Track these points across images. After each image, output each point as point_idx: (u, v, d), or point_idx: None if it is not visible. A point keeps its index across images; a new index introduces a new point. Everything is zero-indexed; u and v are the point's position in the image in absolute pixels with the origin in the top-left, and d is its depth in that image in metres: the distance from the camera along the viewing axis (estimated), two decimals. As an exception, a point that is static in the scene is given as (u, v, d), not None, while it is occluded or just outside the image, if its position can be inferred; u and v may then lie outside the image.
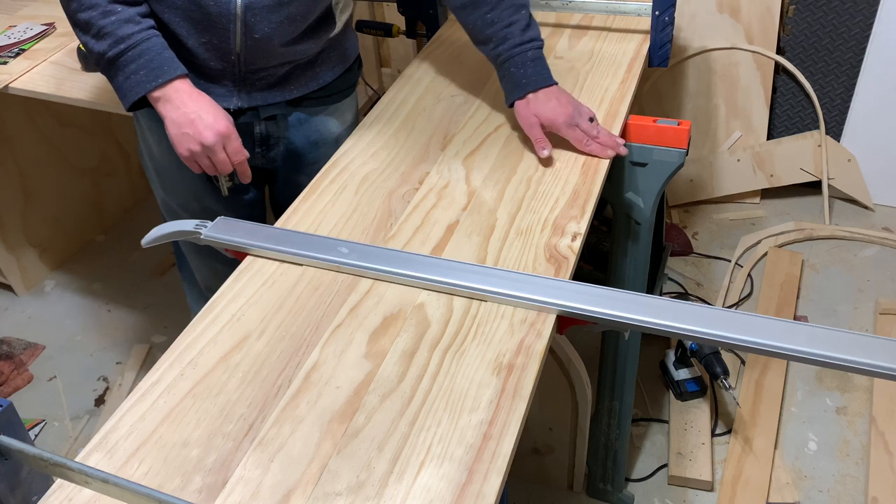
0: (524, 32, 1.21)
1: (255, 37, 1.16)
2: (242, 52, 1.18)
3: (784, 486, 1.71)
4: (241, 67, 1.21)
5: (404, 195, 1.15)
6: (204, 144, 1.12)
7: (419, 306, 0.95)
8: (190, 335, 0.94)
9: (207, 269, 1.44)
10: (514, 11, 1.20)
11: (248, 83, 1.24)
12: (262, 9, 1.14)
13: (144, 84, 1.10)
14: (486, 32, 1.22)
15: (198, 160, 1.15)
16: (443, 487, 0.75)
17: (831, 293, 2.17)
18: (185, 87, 1.12)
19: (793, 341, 0.83)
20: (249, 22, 1.15)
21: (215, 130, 1.12)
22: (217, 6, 1.12)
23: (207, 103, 1.13)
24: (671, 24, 1.42)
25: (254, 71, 1.22)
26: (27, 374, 2.17)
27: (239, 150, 1.16)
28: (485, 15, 1.21)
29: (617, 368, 1.55)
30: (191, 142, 1.12)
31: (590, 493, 1.74)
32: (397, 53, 2.83)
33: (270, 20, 1.16)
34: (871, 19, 2.18)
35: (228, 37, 1.16)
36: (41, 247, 2.47)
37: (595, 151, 1.19)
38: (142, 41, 1.10)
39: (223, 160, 1.15)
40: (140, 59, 1.10)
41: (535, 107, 1.19)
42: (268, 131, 1.30)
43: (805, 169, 2.40)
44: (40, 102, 1.79)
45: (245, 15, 1.14)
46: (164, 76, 1.11)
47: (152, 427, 0.83)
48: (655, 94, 2.43)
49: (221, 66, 1.20)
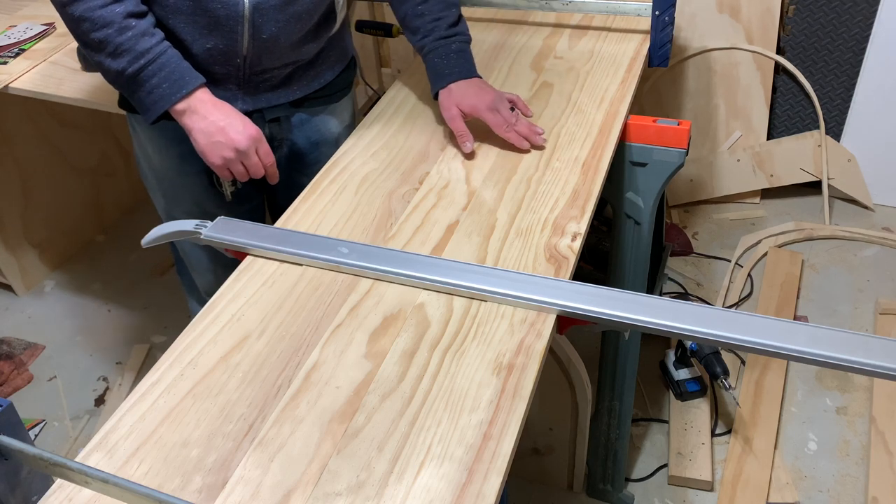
0: (450, 27, 1.25)
1: (262, 37, 1.16)
2: (249, 54, 1.18)
3: (784, 486, 1.71)
4: (245, 70, 1.21)
5: (404, 195, 1.15)
6: (238, 150, 1.13)
7: (419, 306, 0.95)
8: (190, 335, 0.94)
9: (210, 275, 1.44)
10: (444, 7, 1.25)
11: (252, 85, 1.24)
12: (270, 8, 1.14)
13: (169, 97, 1.10)
14: (415, 23, 1.26)
15: (231, 167, 1.16)
16: (443, 487, 0.75)
17: (831, 293, 2.17)
18: (207, 97, 1.13)
19: (793, 341, 0.83)
20: (257, 23, 1.15)
21: (248, 135, 1.13)
22: (225, 8, 1.12)
23: (231, 110, 1.14)
24: (671, 24, 1.42)
25: (258, 73, 1.22)
26: (27, 374, 2.17)
27: (269, 152, 1.18)
28: (416, 6, 1.25)
29: (617, 368, 1.55)
30: (224, 149, 1.13)
31: (590, 493, 1.74)
32: (397, 53, 2.83)
33: (277, 20, 1.16)
34: (871, 19, 2.18)
35: (236, 39, 1.16)
36: (41, 247, 2.47)
37: (512, 139, 1.21)
38: (160, 54, 1.09)
39: (256, 163, 1.16)
40: (161, 73, 1.09)
41: (457, 96, 1.22)
42: (272, 133, 1.31)
43: (805, 169, 2.40)
44: (40, 102, 1.79)
45: (253, 16, 1.14)
46: (186, 87, 1.11)
47: (152, 427, 0.83)
48: (655, 94, 2.43)
49: (226, 70, 1.20)
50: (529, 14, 1.61)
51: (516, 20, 1.59)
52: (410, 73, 1.46)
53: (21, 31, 1.97)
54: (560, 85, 1.37)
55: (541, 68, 1.43)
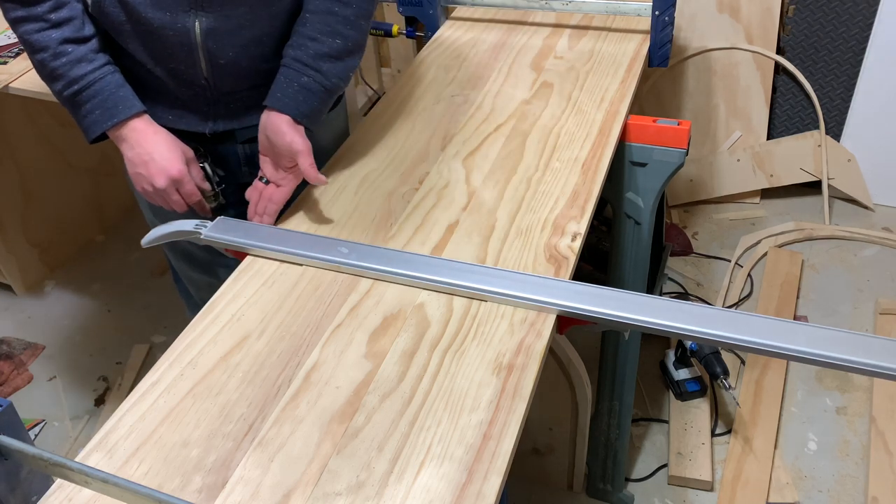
0: (318, 60, 1.09)
1: (220, 62, 1.13)
2: (209, 77, 1.15)
3: (784, 486, 1.71)
4: (211, 92, 1.17)
5: (404, 195, 1.15)
6: (156, 187, 1.12)
7: (419, 306, 0.95)
8: (190, 335, 0.94)
9: (205, 283, 1.41)
10: (329, 34, 1.09)
11: (222, 106, 1.20)
12: (224, 34, 1.10)
13: (101, 123, 1.10)
14: (295, 29, 1.12)
15: (152, 199, 1.16)
16: (443, 487, 0.75)
17: (831, 293, 2.17)
18: (141, 126, 1.11)
19: (793, 341, 0.83)
20: (211, 48, 1.11)
21: (167, 175, 1.11)
22: (177, 36, 1.09)
23: (164, 143, 1.12)
24: (671, 24, 1.42)
25: (225, 94, 1.19)
26: (27, 374, 2.17)
27: (192, 192, 1.15)
28: (304, 14, 1.11)
29: (617, 368, 1.55)
30: (144, 182, 1.13)
31: (590, 493, 1.74)
32: (397, 53, 2.84)
33: (234, 44, 1.12)
34: (871, 19, 2.18)
35: (194, 62, 1.12)
36: (41, 247, 2.47)
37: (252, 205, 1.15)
38: (95, 81, 1.08)
39: (177, 201, 1.14)
40: (95, 99, 1.09)
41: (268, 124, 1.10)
42: (252, 150, 1.25)
43: (805, 169, 2.40)
44: (40, 102, 1.78)
45: (206, 42, 1.10)
46: (119, 115, 1.10)
47: (152, 427, 0.83)
48: (655, 94, 2.43)
49: (192, 92, 1.17)
50: (529, 14, 1.61)
51: (516, 20, 1.59)
52: (410, 73, 1.46)
53: (21, 31, 1.96)
54: (560, 85, 1.37)
55: (541, 68, 1.43)
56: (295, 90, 1.09)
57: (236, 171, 1.26)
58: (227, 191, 1.24)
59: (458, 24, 1.61)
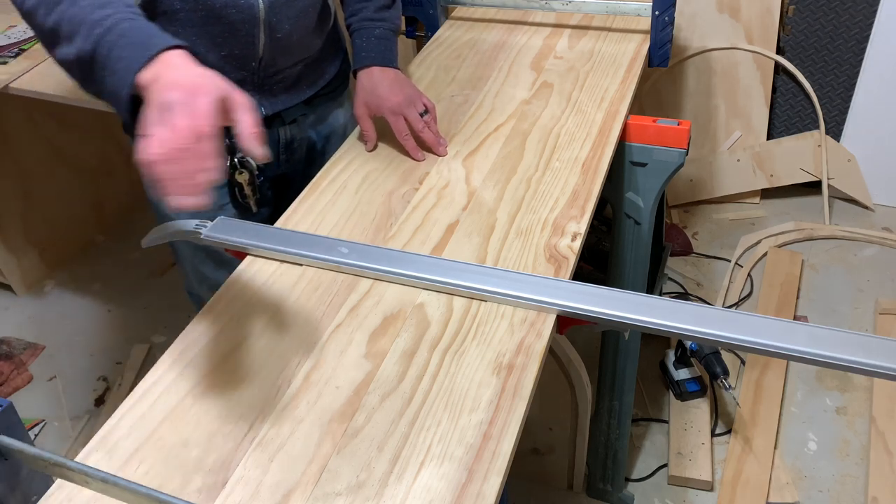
0: (379, 11, 1.28)
1: (277, 37, 1.16)
2: (265, 56, 1.18)
3: (784, 486, 1.71)
4: (260, 73, 1.20)
5: (404, 195, 1.15)
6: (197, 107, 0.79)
7: (419, 306, 0.95)
8: (190, 335, 0.94)
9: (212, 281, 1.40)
10: None
11: (267, 88, 1.23)
12: (281, 6, 1.14)
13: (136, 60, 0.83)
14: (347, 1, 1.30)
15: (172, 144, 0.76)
16: (443, 487, 0.75)
17: (831, 293, 2.17)
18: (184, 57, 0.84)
19: (793, 341, 0.83)
20: (272, 22, 1.14)
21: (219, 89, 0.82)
22: (240, 13, 1.11)
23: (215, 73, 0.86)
24: (671, 24, 1.42)
25: (272, 74, 1.22)
26: (27, 374, 2.17)
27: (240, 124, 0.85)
28: None
29: (617, 368, 1.55)
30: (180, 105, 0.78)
31: (590, 493, 1.74)
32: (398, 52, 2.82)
33: (289, 16, 1.16)
34: (871, 19, 2.18)
35: (253, 42, 1.15)
36: (41, 247, 2.47)
37: (408, 147, 1.22)
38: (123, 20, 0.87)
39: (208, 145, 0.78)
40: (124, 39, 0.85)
41: (367, 91, 1.24)
42: (292, 136, 1.31)
43: (805, 169, 2.40)
44: (40, 102, 1.79)
45: (268, 15, 1.13)
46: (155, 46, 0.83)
47: (152, 427, 0.83)
48: (655, 94, 2.43)
49: (241, 76, 1.19)
50: (529, 14, 1.61)
51: (516, 20, 1.60)
52: (410, 73, 1.46)
53: (21, 31, 1.97)
54: (560, 85, 1.37)
55: (541, 68, 1.43)
56: (373, 44, 1.26)
57: (272, 163, 1.28)
58: (263, 186, 1.27)
59: (458, 24, 1.61)
